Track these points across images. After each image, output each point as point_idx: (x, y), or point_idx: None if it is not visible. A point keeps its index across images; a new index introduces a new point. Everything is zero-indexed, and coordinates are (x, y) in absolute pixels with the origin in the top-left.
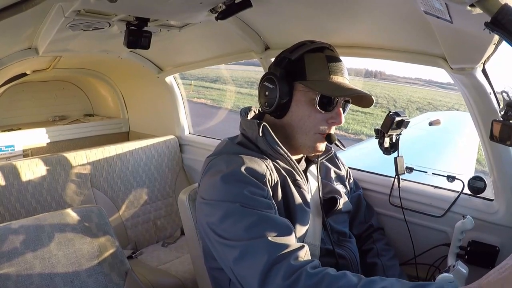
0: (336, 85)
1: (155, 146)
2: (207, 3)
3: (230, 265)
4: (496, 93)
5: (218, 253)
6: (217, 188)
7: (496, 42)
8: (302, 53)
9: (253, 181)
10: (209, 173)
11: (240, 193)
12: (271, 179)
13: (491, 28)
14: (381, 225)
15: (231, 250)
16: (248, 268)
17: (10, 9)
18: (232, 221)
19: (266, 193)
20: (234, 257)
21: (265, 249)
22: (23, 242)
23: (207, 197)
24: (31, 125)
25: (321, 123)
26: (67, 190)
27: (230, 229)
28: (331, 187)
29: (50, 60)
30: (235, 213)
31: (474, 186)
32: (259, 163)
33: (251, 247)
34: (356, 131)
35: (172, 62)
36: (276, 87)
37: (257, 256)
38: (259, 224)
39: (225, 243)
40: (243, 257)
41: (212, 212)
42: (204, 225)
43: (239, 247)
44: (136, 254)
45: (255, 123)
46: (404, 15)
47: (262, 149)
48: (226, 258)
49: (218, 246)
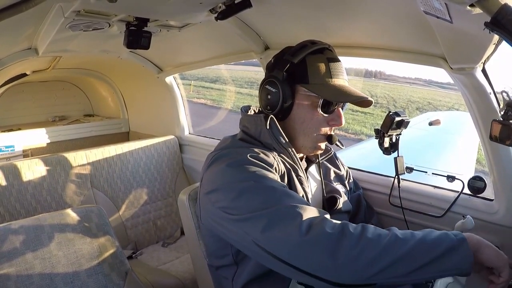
0: (338, 89)
1: (155, 146)
2: (207, 3)
3: (255, 238)
4: (496, 93)
5: (238, 232)
6: (225, 174)
7: (496, 42)
8: (304, 55)
9: (263, 165)
10: (214, 165)
11: (252, 173)
12: (278, 169)
13: (491, 28)
14: (381, 225)
15: (256, 222)
16: (281, 230)
17: (10, 9)
18: (250, 196)
19: (277, 177)
20: (261, 226)
21: (296, 211)
22: (23, 242)
23: (215, 185)
24: (31, 126)
25: (323, 125)
26: (67, 190)
27: (250, 204)
28: (331, 187)
29: (50, 60)
30: (251, 189)
31: (474, 186)
32: (266, 154)
33: (280, 211)
34: (356, 131)
35: (172, 62)
36: (279, 90)
37: (290, 218)
38: (280, 196)
39: (246, 217)
40: (273, 222)
41: (224, 195)
42: (215, 213)
43: (265, 216)
44: (136, 254)
45: (262, 117)
46: (404, 15)
47: (266, 144)
48: (249, 233)
49: (237, 225)
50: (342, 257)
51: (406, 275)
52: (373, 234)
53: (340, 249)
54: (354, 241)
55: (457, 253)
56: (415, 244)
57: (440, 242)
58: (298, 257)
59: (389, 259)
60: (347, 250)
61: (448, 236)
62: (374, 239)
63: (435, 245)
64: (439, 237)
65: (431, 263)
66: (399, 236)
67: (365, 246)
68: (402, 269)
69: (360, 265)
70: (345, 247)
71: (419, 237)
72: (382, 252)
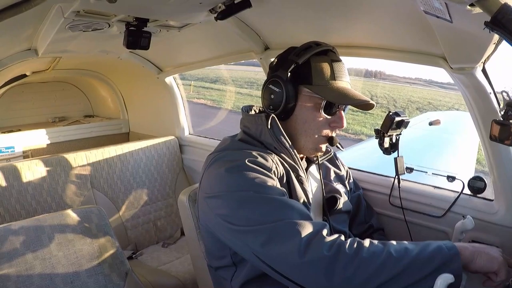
0: (341, 91)
1: (155, 146)
2: (207, 3)
3: (255, 251)
4: (496, 93)
5: (237, 243)
6: (224, 180)
7: (496, 42)
8: (308, 56)
9: (261, 171)
10: (212, 167)
11: (251, 182)
12: (277, 172)
13: (491, 27)
14: (381, 226)
15: (256, 235)
16: (280, 247)
17: (9, 10)
18: (250, 208)
19: (275, 182)
20: (261, 241)
21: (295, 229)
22: (23, 243)
23: (214, 191)
24: (31, 126)
25: (324, 126)
26: (67, 191)
27: (250, 216)
28: (331, 187)
29: (50, 61)
30: (250, 200)
31: (474, 186)
32: (264, 157)
33: (279, 228)
34: (356, 131)
35: (172, 62)
36: (283, 90)
37: (288, 235)
38: (280, 209)
39: (246, 230)
40: (273, 238)
41: (223, 204)
42: (214, 219)
43: (265, 231)
44: (136, 255)
45: (263, 117)
46: (404, 15)
47: (267, 143)
48: (249, 245)
49: (237, 236)
50: (338, 279)
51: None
52: (367, 253)
53: (336, 270)
54: (349, 262)
55: (449, 268)
56: (410, 261)
57: (434, 258)
58: (297, 275)
59: (384, 277)
60: (342, 271)
61: (441, 250)
62: (368, 258)
63: (429, 261)
64: (433, 252)
65: (425, 278)
66: (393, 254)
67: (360, 265)
68: (398, 285)
69: (355, 284)
70: (340, 269)
71: (414, 253)
72: (377, 271)
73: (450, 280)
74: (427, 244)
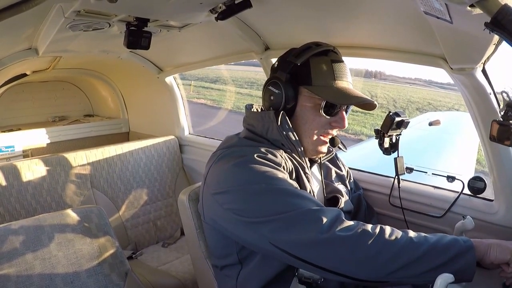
0: (341, 91)
1: (155, 146)
2: (207, 3)
3: (273, 240)
4: (496, 93)
5: (252, 235)
6: (234, 175)
7: (496, 42)
8: (307, 57)
9: (271, 165)
10: (220, 163)
11: (262, 175)
12: (286, 167)
13: (491, 28)
14: None
15: (274, 225)
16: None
17: (10, 9)
18: (264, 200)
19: (286, 176)
20: (280, 229)
21: (315, 215)
22: (23, 243)
23: (223, 186)
24: (31, 126)
25: (325, 127)
26: (67, 190)
27: (265, 207)
28: (333, 187)
29: (50, 60)
30: (263, 192)
31: (474, 186)
32: (273, 153)
33: (299, 215)
34: (356, 132)
35: (172, 62)
36: (282, 92)
37: (309, 221)
38: (296, 198)
39: (262, 221)
40: (294, 225)
41: (234, 198)
42: (224, 214)
43: (283, 220)
44: (136, 255)
45: (272, 114)
46: (405, 16)
47: (274, 140)
48: (266, 235)
49: (251, 228)
50: (362, 255)
51: (418, 275)
52: (390, 235)
53: (360, 247)
54: (373, 242)
55: (464, 258)
56: (429, 247)
57: (450, 247)
58: (319, 256)
59: (405, 260)
60: (367, 249)
61: (457, 241)
62: (391, 241)
63: (447, 249)
64: (450, 242)
65: (442, 265)
66: (414, 239)
67: (384, 246)
68: (416, 270)
69: (378, 263)
70: (365, 246)
71: (433, 241)
72: (400, 253)
73: (450, 280)
74: (443, 235)
